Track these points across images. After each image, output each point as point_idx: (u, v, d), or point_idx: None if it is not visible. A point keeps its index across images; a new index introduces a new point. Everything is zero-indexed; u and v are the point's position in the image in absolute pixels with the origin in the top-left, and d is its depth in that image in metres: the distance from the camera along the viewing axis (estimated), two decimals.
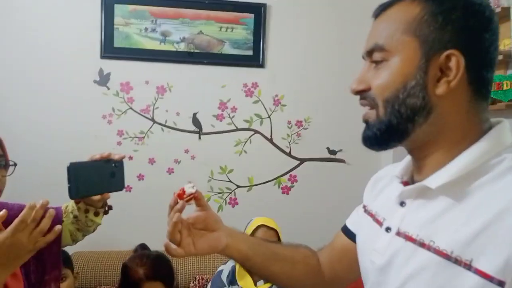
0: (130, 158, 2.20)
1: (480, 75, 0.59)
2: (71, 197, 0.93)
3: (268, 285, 1.63)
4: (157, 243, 2.02)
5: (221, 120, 2.31)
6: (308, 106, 2.36)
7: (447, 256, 0.54)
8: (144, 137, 2.24)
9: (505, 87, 1.93)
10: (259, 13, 2.30)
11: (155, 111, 2.25)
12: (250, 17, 2.31)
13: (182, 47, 2.26)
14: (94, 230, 1.13)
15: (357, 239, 0.79)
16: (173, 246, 0.75)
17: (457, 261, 0.53)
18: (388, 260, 0.63)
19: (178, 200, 0.76)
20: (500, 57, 1.90)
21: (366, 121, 0.66)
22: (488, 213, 0.52)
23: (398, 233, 0.63)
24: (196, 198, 0.78)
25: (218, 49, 2.30)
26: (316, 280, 0.86)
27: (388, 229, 0.65)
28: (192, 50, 2.27)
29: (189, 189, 0.76)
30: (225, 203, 2.31)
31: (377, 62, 0.63)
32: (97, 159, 0.97)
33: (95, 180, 0.95)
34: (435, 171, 0.60)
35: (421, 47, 0.58)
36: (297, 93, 2.35)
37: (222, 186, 2.31)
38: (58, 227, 0.88)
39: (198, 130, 2.29)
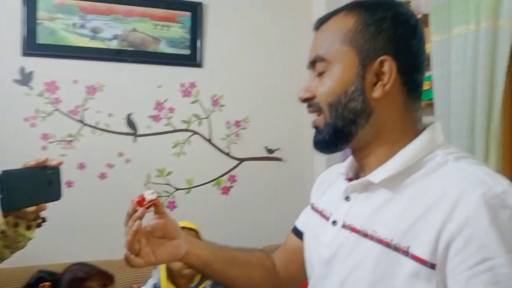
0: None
1: (412, 78, 0.65)
2: (4, 209, 0.84)
3: None
4: (90, 254, 1.90)
5: (157, 121, 2.23)
6: (246, 106, 2.36)
7: (387, 244, 0.59)
8: (72, 141, 2.09)
9: (425, 87, 2.09)
10: (196, 12, 2.26)
11: (85, 112, 2.12)
12: (186, 15, 2.26)
13: (114, 45, 2.15)
14: (24, 246, 1.01)
15: (305, 236, 0.82)
16: (133, 256, 0.73)
17: (396, 248, 0.58)
18: (335, 251, 0.67)
19: (137, 208, 0.74)
20: None
21: (316, 127, 0.70)
22: (421, 205, 0.57)
23: (344, 226, 0.67)
24: (156, 205, 0.76)
25: (153, 48, 2.22)
26: (273, 282, 0.88)
27: (334, 222, 0.69)
28: (125, 48, 2.16)
29: (149, 196, 0.74)
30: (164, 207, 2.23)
31: (320, 73, 0.68)
32: (32, 165, 0.87)
33: (31, 189, 0.86)
34: (376, 168, 0.65)
35: (357, 56, 0.64)
36: (236, 93, 2.35)
37: (160, 190, 2.23)
38: None
39: (133, 131, 2.19)
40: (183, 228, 1.63)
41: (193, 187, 2.28)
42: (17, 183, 0.83)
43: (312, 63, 0.69)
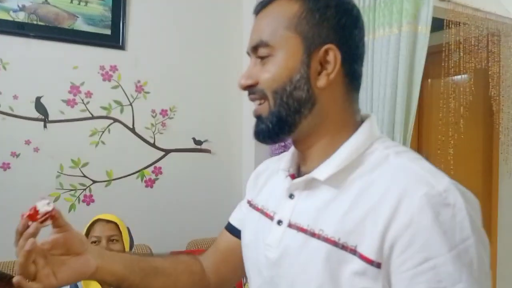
0: None
1: (353, 68, 0.64)
2: None
3: None
4: None
5: (72, 106, 2.01)
6: (173, 95, 2.25)
7: (335, 243, 0.57)
8: None
9: None
10: None
11: None
12: None
13: (21, 17, 1.87)
14: None
15: (243, 234, 0.77)
16: (27, 282, 0.61)
17: (344, 247, 0.57)
18: (282, 252, 0.63)
19: (29, 223, 0.62)
20: None
21: (258, 116, 0.66)
22: (366, 203, 0.57)
23: (290, 225, 0.64)
24: (53, 217, 0.64)
25: (68, 24, 1.98)
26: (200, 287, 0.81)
27: (279, 222, 0.66)
28: (35, 22, 1.90)
29: (43, 207, 0.63)
30: (79, 201, 2.03)
31: (262, 57, 0.64)
32: None
33: None
34: (320, 161, 0.63)
35: (302, 43, 0.62)
36: (162, 80, 2.21)
37: (75, 182, 2.02)
38: None
39: (43, 117, 1.94)
40: (99, 220, 1.50)
41: (113, 180, 2.10)
42: None
43: (254, 48, 0.65)
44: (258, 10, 0.67)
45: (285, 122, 0.62)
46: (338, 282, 0.56)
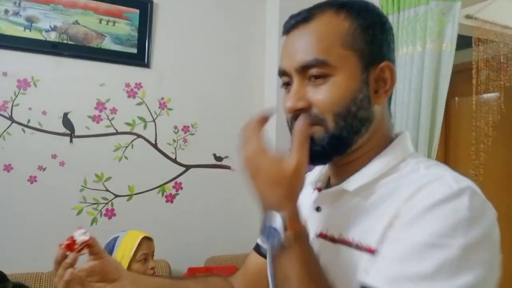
0: None
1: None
2: None
3: None
4: (16, 266, 1.70)
5: (98, 122, 2.07)
6: (195, 111, 2.28)
7: (350, 244, 0.58)
8: None
9: None
10: (145, 9, 2.15)
11: (14, 109, 1.91)
12: (134, 12, 2.13)
13: (52, 37, 1.96)
14: None
15: None
16: None
17: (359, 247, 0.57)
18: None
19: (68, 253, 0.64)
20: None
21: (311, 138, 0.61)
22: (385, 205, 0.57)
23: (318, 236, 0.64)
24: (89, 245, 0.66)
25: (96, 43, 2.06)
26: None
27: None
28: (65, 41, 1.99)
29: (80, 237, 0.65)
30: (101, 215, 2.07)
31: (316, 77, 0.59)
32: None
33: None
34: (352, 174, 0.62)
35: (360, 61, 0.59)
36: (185, 97, 2.25)
37: (97, 196, 2.06)
38: None
39: (69, 132, 2.01)
40: (145, 238, 1.52)
41: (134, 194, 2.14)
42: None
43: (304, 68, 0.60)
44: (294, 26, 0.62)
45: (344, 143, 0.61)
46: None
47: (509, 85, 2.28)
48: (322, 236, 0.63)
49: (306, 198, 0.68)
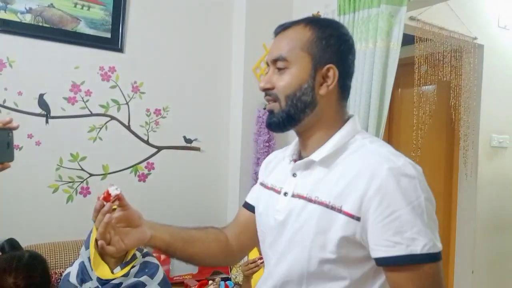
0: None
1: (345, 83, 0.87)
2: None
3: (125, 271, 1.63)
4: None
5: (73, 104, 2.14)
6: (166, 95, 2.41)
7: (326, 205, 0.79)
8: None
9: None
10: None
11: None
12: None
13: (28, 19, 2.00)
14: None
15: (257, 207, 0.98)
16: (106, 245, 0.83)
17: (333, 208, 0.78)
18: (287, 215, 0.85)
19: (105, 203, 0.82)
20: None
21: (270, 111, 0.87)
22: (348, 176, 0.78)
23: (293, 195, 0.86)
24: (119, 198, 0.85)
25: (71, 27, 2.12)
26: (227, 253, 1.03)
27: (285, 194, 0.88)
28: (40, 24, 2.03)
29: (114, 191, 0.83)
30: (76, 193, 2.16)
31: (279, 69, 0.85)
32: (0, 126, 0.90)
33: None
34: (316, 148, 0.85)
35: (311, 61, 0.83)
36: (157, 81, 2.38)
37: (73, 175, 2.15)
38: None
39: (45, 113, 2.07)
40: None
41: (108, 173, 2.25)
42: None
43: (274, 61, 0.85)
44: (278, 31, 0.87)
45: (293, 118, 0.84)
46: (328, 233, 0.78)
47: (444, 80, 2.65)
48: (299, 196, 0.84)
49: (285, 167, 0.92)
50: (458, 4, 2.53)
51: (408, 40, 2.45)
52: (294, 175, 0.88)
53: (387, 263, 0.74)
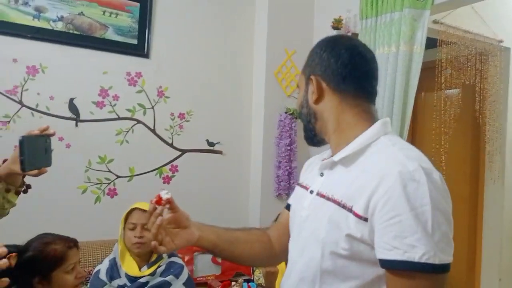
0: None
1: (341, 86, 0.88)
2: (24, 169, 0.93)
3: (152, 270, 1.68)
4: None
5: (101, 108, 2.22)
6: (190, 100, 2.47)
7: (339, 204, 0.81)
8: (9, 122, 1.99)
9: None
10: (145, 3, 2.30)
11: (23, 93, 2.03)
12: (135, 5, 2.28)
13: (59, 27, 2.09)
14: (8, 213, 1.04)
15: (291, 207, 1.03)
16: (158, 246, 0.90)
17: (344, 207, 0.80)
18: (309, 211, 0.89)
19: (157, 206, 0.90)
20: None
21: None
22: (362, 177, 0.80)
23: (317, 194, 0.89)
24: (170, 202, 0.91)
25: (100, 34, 2.20)
26: (270, 254, 1.06)
27: (311, 192, 0.92)
28: (71, 31, 2.12)
29: (165, 195, 0.90)
30: (104, 194, 2.24)
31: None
32: (38, 133, 0.96)
33: (38, 153, 0.97)
34: (340, 150, 0.88)
35: (304, 79, 0.94)
36: (181, 86, 2.43)
37: (101, 177, 2.23)
38: None
39: (75, 116, 2.15)
40: (136, 209, 1.69)
41: (134, 175, 2.32)
42: (31, 147, 0.94)
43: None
44: None
45: (308, 130, 0.94)
46: (339, 231, 0.79)
47: (469, 83, 2.61)
48: (321, 194, 0.87)
49: (316, 167, 0.96)
50: (482, 6, 2.49)
51: (431, 43, 2.43)
52: (321, 174, 0.92)
53: (383, 266, 0.74)
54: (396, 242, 0.71)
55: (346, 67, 0.87)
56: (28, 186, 1.07)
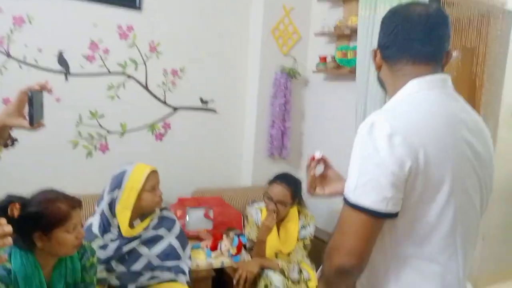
0: None
1: (386, 54, 0.98)
2: (32, 123, 0.98)
3: (145, 224, 1.70)
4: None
5: (91, 62, 2.16)
6: (184, 56, 2.40)
7: None
8: None
9: (349, 56, 2.36)
10: None
11: (10, 45, 1.96)
12: None
13: None
14: None
15: None
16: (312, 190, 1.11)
17: None
18: None
19: (312, 161, 1.10)
20: (348, 31, 2.32)
21: None
22: None
23: None
24: (322, 160, 1.11)
25: None
26: None
27: None
28: None
29: (318, 155, 1.09)
30: (95, 149, 2.23)
31: None
32: (38, 89, 1.00)
33: (38, 108, 1.01)
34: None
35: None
36: (174, 42, 2.36)
37: (92, 132, 2.21)
38: None
39: (64, 70, 2.10)
40: (154, 172, 1.70)
41: (126, 131, 2.30)
42: (35, 102, 0.99)
43: None
44: None
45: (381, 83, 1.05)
46: None
47: (469, 46, 2.55)
48: None
49: None
50: None
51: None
52: None
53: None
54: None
55: (389, 37, 0.96)
56: (15, 139, 1.05)
